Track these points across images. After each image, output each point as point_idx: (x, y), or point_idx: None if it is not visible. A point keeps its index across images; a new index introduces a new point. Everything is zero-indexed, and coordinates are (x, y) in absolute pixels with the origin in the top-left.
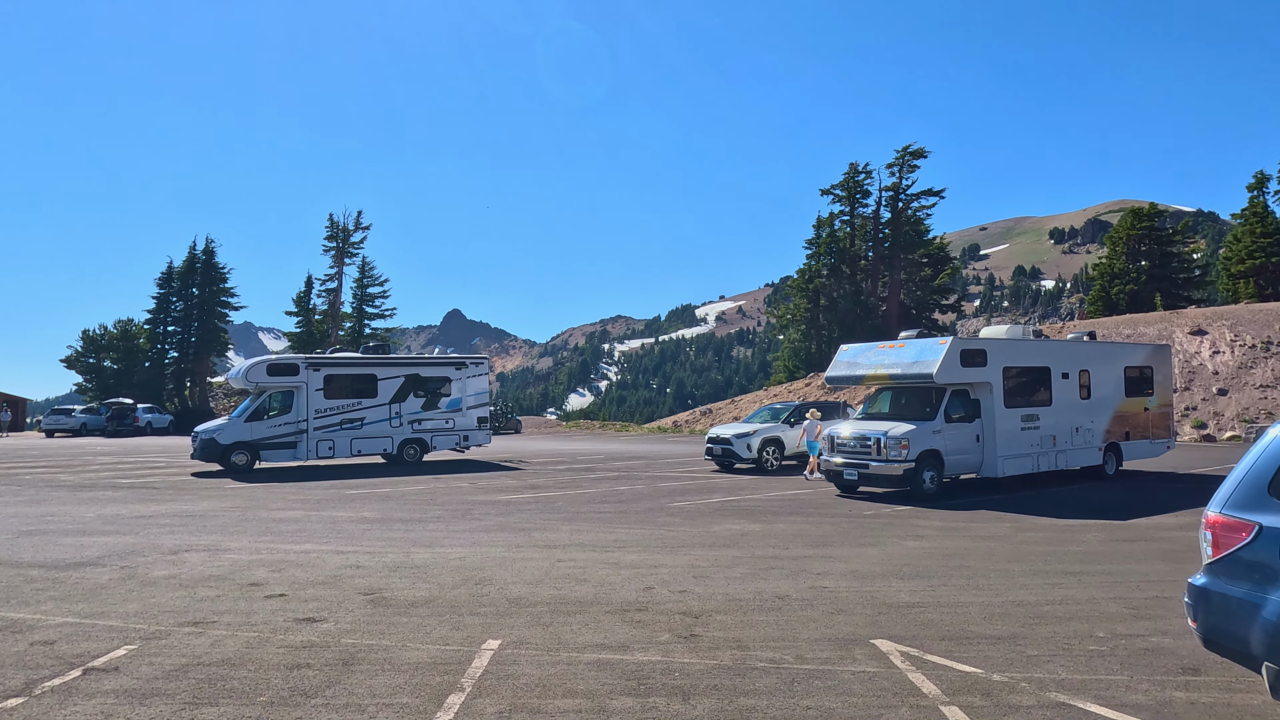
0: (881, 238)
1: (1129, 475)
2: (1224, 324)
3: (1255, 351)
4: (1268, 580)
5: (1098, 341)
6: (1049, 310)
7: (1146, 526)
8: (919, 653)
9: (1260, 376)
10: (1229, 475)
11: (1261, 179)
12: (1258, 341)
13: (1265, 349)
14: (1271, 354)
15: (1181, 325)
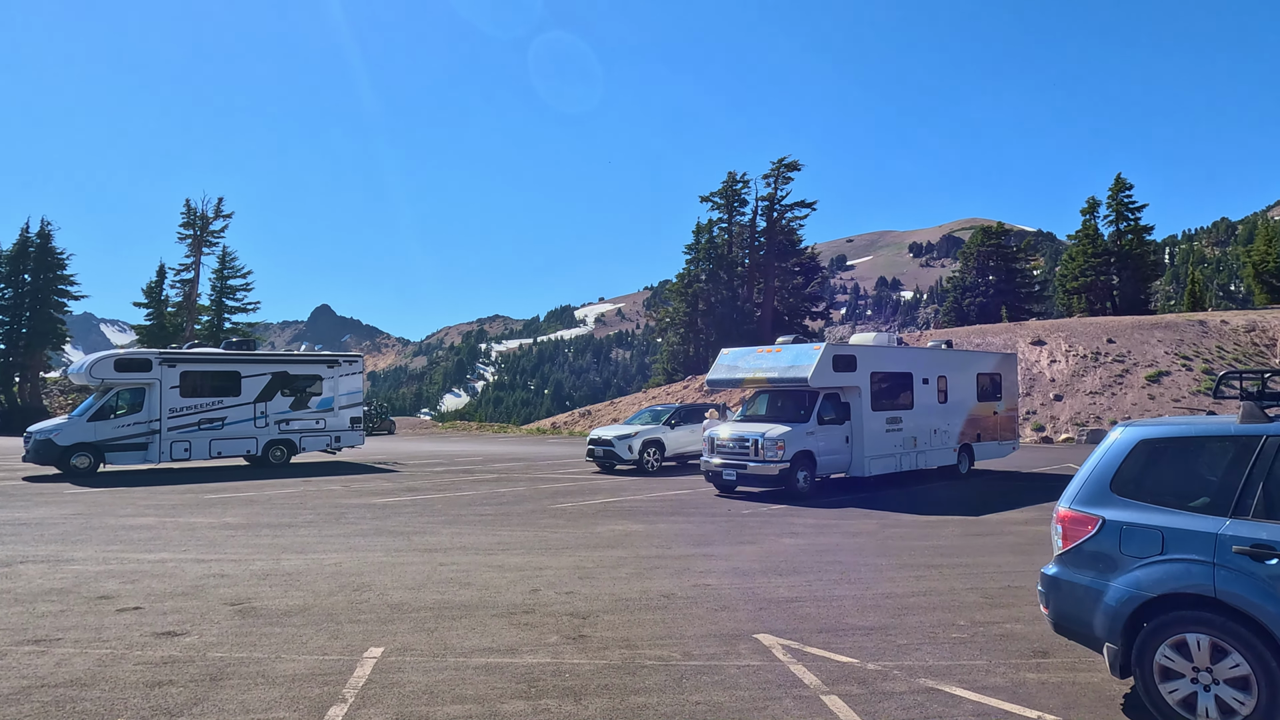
0: (757, 245)
1: (980, 474)
2: (1060, 336)
3: (1086, 361)
4: (1109, 569)
5: (954, 350)
6: (908, 319)
7: (997, 521)
8: (799, 645)
9: (1090, 384)
10: (1077, 474)
11: (1093, 204)
12: (1088, 352)
13: (1095, 359)
14: (1100, 364)
15: (1024, 336)
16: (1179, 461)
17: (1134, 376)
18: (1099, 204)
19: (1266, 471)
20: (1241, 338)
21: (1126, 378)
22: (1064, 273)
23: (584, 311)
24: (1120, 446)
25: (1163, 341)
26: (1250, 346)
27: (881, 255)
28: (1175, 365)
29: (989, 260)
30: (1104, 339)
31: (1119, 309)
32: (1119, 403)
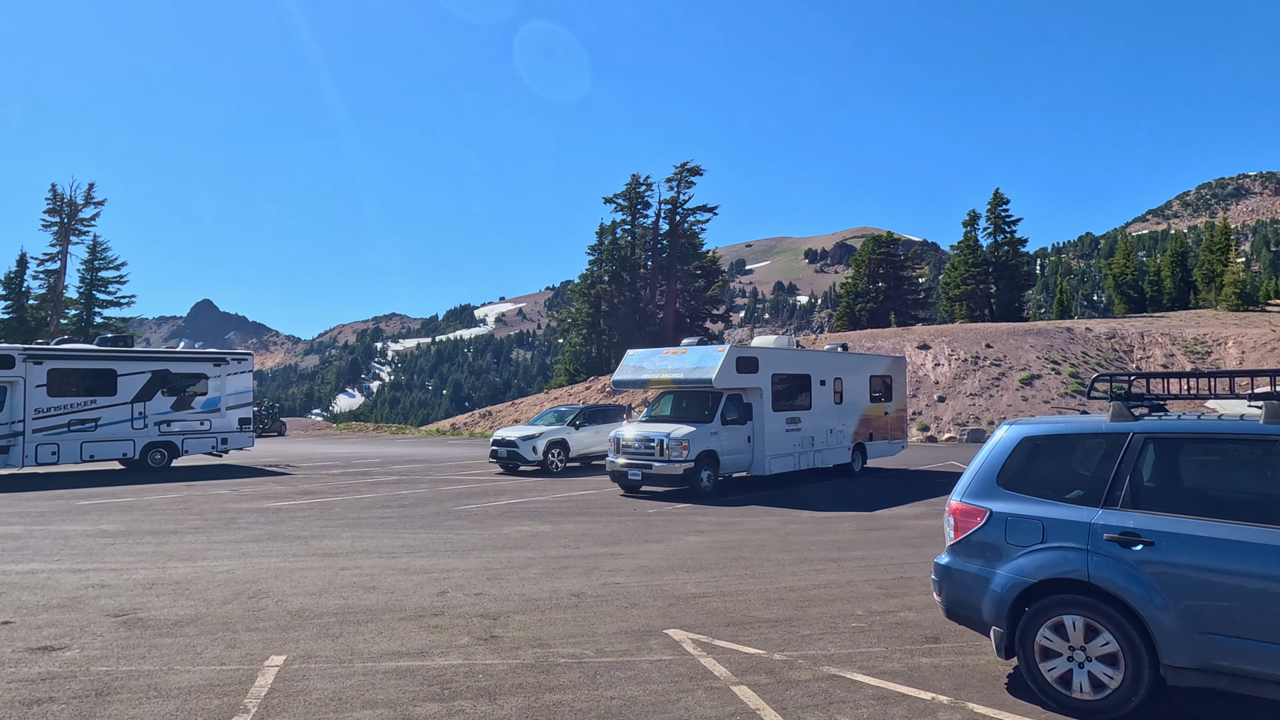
0: (660, 248)
1: (872, 472)
2: (944, 340)
3: (967, 365)
4: (996, 557)
5: (849, 353)
6: (803, 323)
7: (888, 516)
8: (709, 639)
9: (970, 386)
10: (967, 469)
11: (974, 216)
12: (969, 356)
13: (974, 363)
14: (980, 367)
15: (911, 340)
16: (1058, 457)
17: (1010, 379)
18: (979, 217)
19: (1133, 466)
20: (1103, 344)
21: (1003, 380)
22: (947, 281)
23: (484, 311)
24: (1006, 443)
25: (1035, 347)
26: (1111, 352)
27: (779, 260)
28: (1046, 369)
29: (879, 268)
30: (983, 344)
31: (996, 316)
32: (996, 404)
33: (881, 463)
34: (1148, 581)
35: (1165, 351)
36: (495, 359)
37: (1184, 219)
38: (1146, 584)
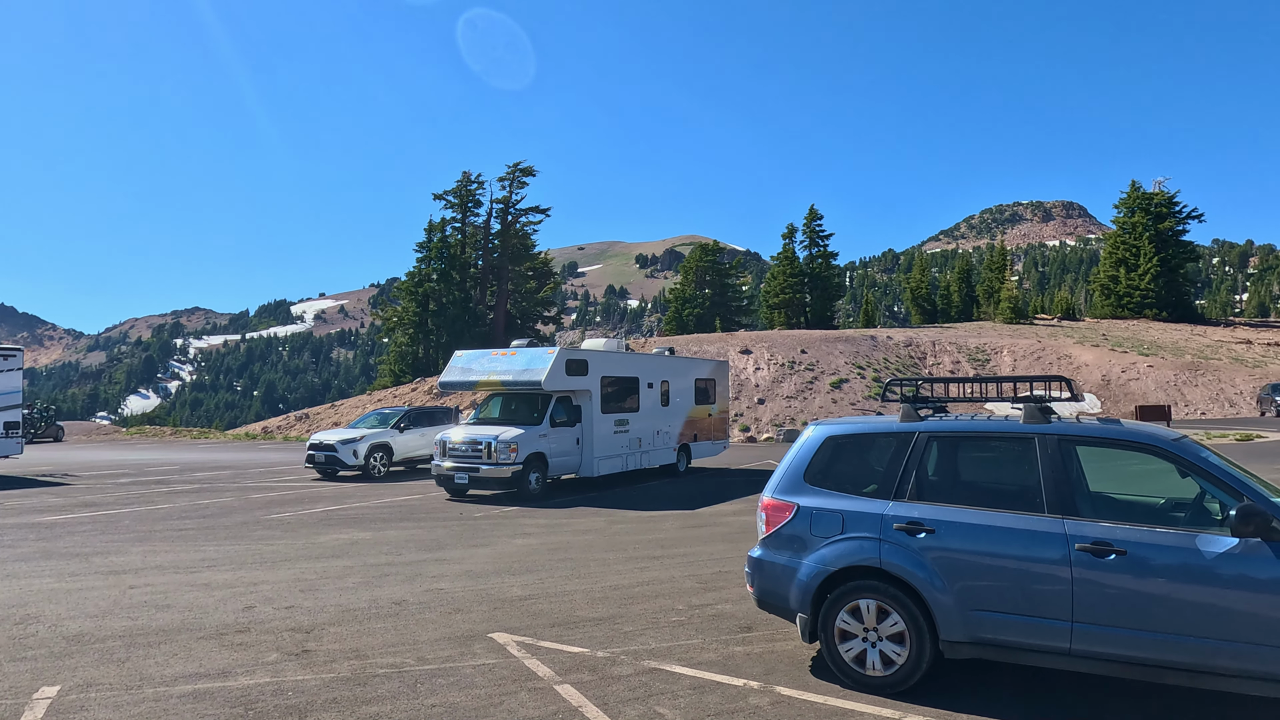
0: (491, 248)
1: (696, 471)
2: (764, 346)
3: (784, 369)
4: (802, 549)
5: (676, 356)
6: (633, 327)
7: (711, 514)
8: (533, 640)
9: (787, 389)
10: (778, 467)
11: (792, 230)
12: (786, 361)
13: (791, 367)
14: (795, 371)
15: (734, 345)
16: (856, 454)
17: (821, 383)
18: (796, 230)
19: (919, 461)
20: (902, 351)
21: (815, 384)
22: (768, 289)
23: (302, 307)
24: (812, 443)
25: (844, 353)
26: (908, 358)
27: (611, 264)
28: (853, 373)
29: (706, 275)
30: (799, 350)
31: (811, 324)
32: (809, 406)
33: (705, 462)
34: (930, 566)
35: (952, 358)
36: (314, 358)
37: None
38: (929, 568)
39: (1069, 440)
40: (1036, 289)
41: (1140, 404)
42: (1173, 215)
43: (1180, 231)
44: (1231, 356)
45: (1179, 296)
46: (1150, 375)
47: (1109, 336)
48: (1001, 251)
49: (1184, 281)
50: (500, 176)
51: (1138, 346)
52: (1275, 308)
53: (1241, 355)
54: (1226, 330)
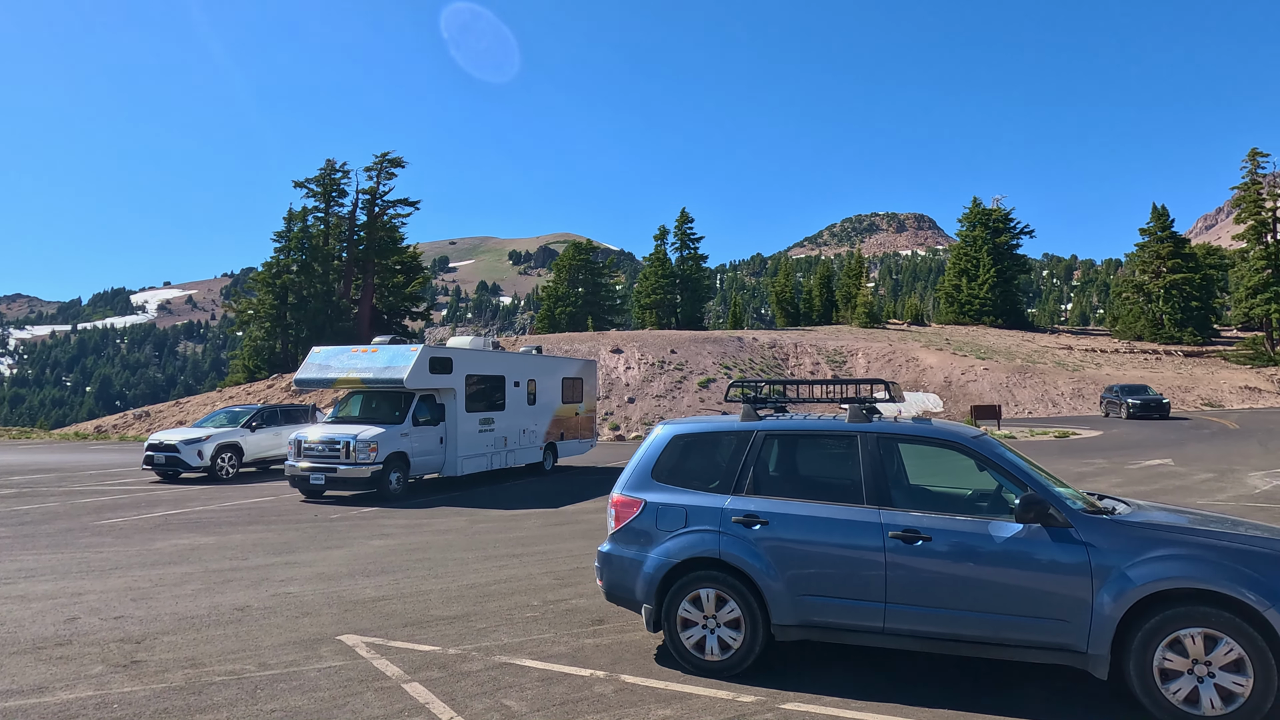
0: (357, 240)
1: (562, 470)
2: (635, 345)
3: (654, 368)
4: (648, 542)
5: (543, 355)
6: (506, 324)
7: (573, 512)
8: (384, 641)
9: (657, 388)
10: (628, 464)
11: (664, 232)
12: (656, 360)
13: (661, 366)
14: (665, 370)
15: (606, 344)
16: (701, 452)
17: (690, 382)
18: (668, 233)
19: (756, 458)
20: (766, 352)
21: (684, 383)
22: (640, 290)
23: (144, 297)
24: (660, 441)
25: (712, 353)
26: (772, 359)
27: (483, 260)
28: (720, 373)
29: (579, 273)
30: (669, 349)
31: (681, 324)
32: (678, 404)
33: (572, 461)
34: (764, 555)
35: (813, 359)
36: (157, 352)
37: (832, 247)
38: (763, 558)
39: (886, 438)
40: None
41: (976, 404)
42: (1008, 230)
43: (1015, 246)
44: (1055, 361)
45: (1013, 305)
46: (986, 377)
47: (951, 341)
48: (859, 259)
49: (1017, 292)
50: (367, 166)
51: (976, 351)
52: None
53: (1064, 360)
54: (1052, 337)
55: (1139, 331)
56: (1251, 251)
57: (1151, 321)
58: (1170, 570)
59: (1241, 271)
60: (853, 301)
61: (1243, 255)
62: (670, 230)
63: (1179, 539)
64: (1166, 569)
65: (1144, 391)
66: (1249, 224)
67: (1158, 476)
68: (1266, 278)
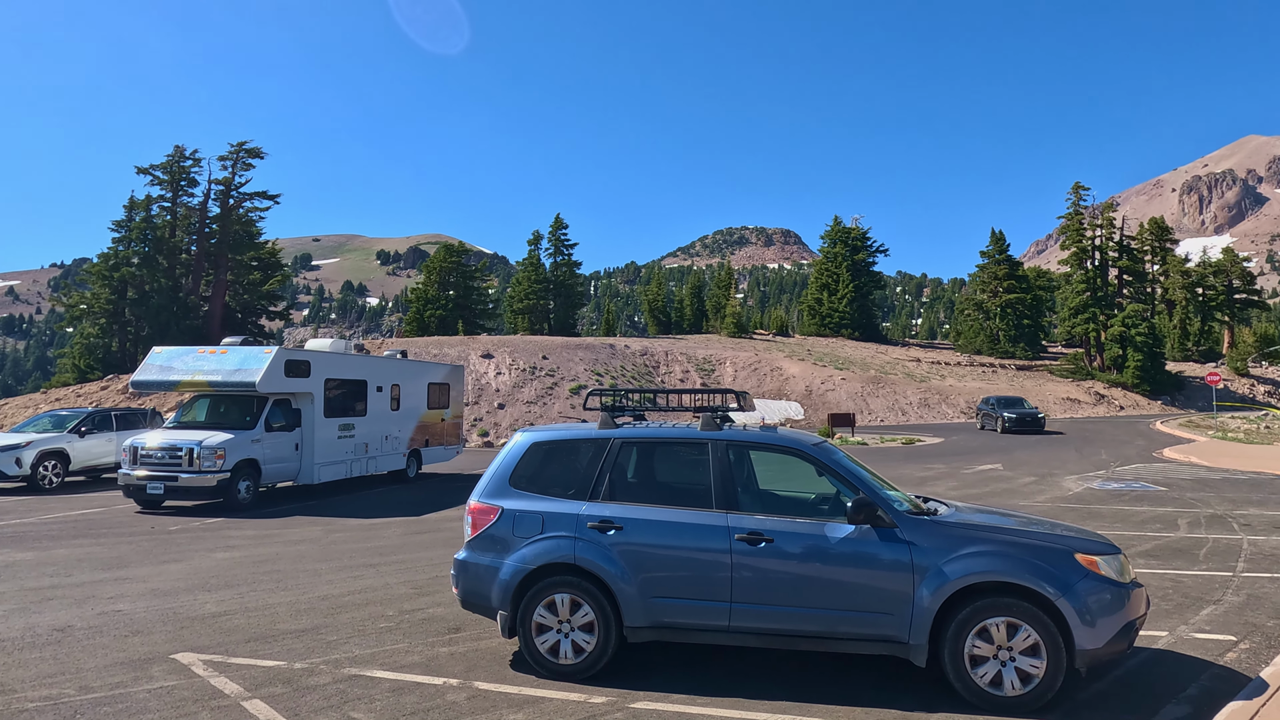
0: (208, 233)
1: (427, 477)
2: (506, 350)
3: (526, 374)
4: (504, 549)
5: (409, 359)
6: (372, 326)
7: (436, 520)
8: (223, 658)
9: (528, 394)
10: (486, 471)
11: (538, 237)
12: (528, 366)
13: (532, 372)
14: (537, 376)
15: (476, 349)
16: (559, 459)
17: (561, 388)
18: (542, 238)
19: (613, 464)
20: (638, 359)
21: (556, 389)
22: (513, 294)
23: None
24: (518, 448)
25: (584, 360)
26: (643, 366)
27: (349, 259)
28: (592, 379)
29: (450, 276)
30: (541, 355)
31: (554, 330)
32: (549, 411)
33: (438, 468)
34: (618, 560)
35: (683, 368)
36: None
37: (704, 258)
38: (617, 562)
39: (734, 445)
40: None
41: (833, 412)
42: (865, 248)
43: (871, 263)
44: (905, 373)
45: (869, 319)
46: (843, 387)
47: (813, 352)
48: (729, 271)
49: (873, 306)
50: (222, 156)
51: (835, 361)
52: (941, 332)
53: (913, 371)
54: (903, 350)
55: (979, 346)
56: (1074, 275)
57: (990, 337)
58: (980, 565)
59: (1066, 293)
60: (722, 311)
61: (1067, 279)
62: (545, 235)
63: (988, 537)
64: (977, 564)
65: (1019, 405)
66: (1072, 250)
67: (988, 480)
68: (1086, 300)
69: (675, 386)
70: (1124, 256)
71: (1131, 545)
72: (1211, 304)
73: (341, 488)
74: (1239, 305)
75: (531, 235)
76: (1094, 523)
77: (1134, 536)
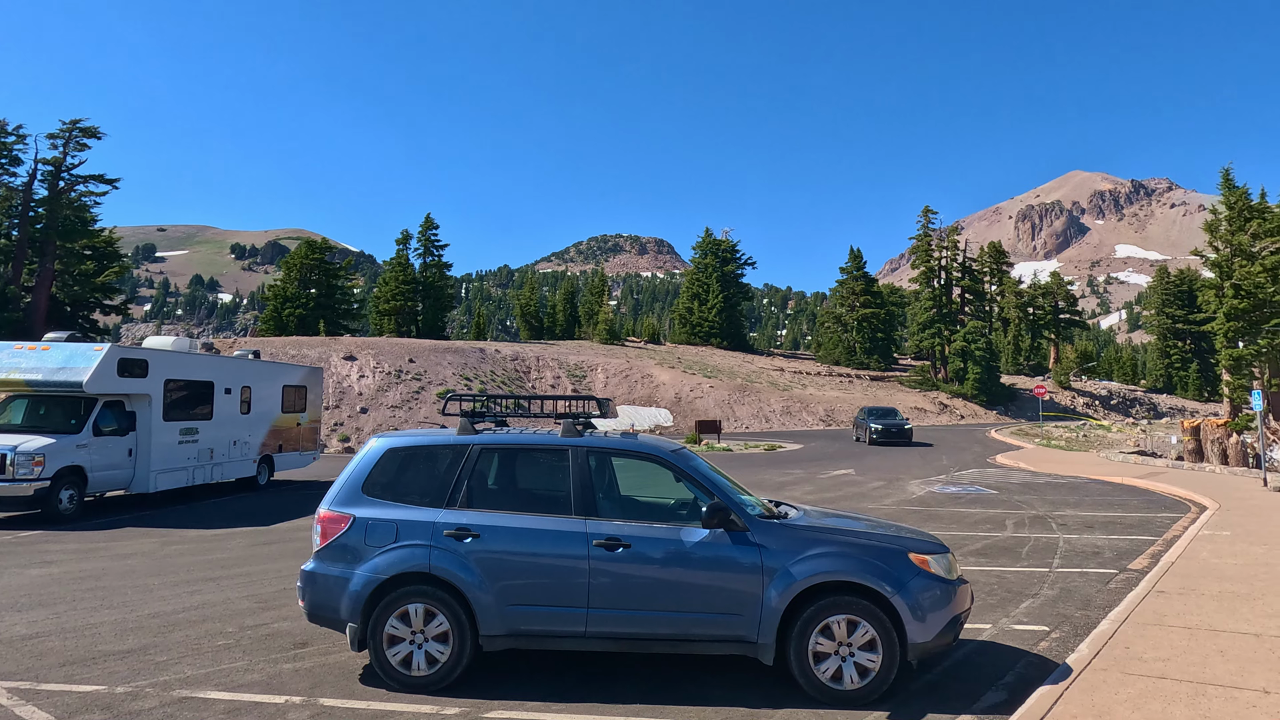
0: (33, 218)
1: (279, 485)
2: (370, 352)
3: (391, 378)
4: (356, 559)
5: (262, 360)
6: (224, 324)
7: (286, 529)
8: (32, 685)
9: (393, 398)
10: (338, 478)
11: (406, 236)
12: (393, 369)
13: (398, 376)
14: (403, 380)
15: (339, 351)
16: (415, 466)
17: (428, 393)
18: (411, 237)
19: (471, 471)
20: (508, 364)
21: (422, 394)
22: (379, 295)
23: None
24: (373, 454)
25: (453, 364)
26: (514, 371)
27: (200, 251)
28: (461, 384)
29: (312, 273)
30: (407, 359)
31: (422, 333)
32: (415, 415)
33: (293, 475)
34: (474, 568)
35: (554, 373)
36: None
37: (578, 264)
38: (473, 570)
39: (594, 451)
40: (631, 314)
41: (701, 419)
42: (735, 260)
43: (740, 275)
44: (769, 381)
45: (736, 329)
46: (711, 395)
47: (683, 360)
48: (602, 278)
49: (741, 317)
50: (51, 134)
51: (703, 370)
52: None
53: (777, 380)
54: (768, 360)
55: (837, 357)
56: (923, 293)
57: (847, 349)
58: (824, 566)
59: (915, 309)
60: (595, 318)
61: (916, 296)
62: (414, 235)
63: (832, 539)
64: (821, 565)
65: (888, 416)
66: (922, 270)
67: (841, 485)
68: (933, 316)
69: (547, 392)
70: (966, 277)
71: (964, 545)
72: (1040, 323)
73: (181, 496)
74: (1064, 324)
75: (400, 234)
76: (933, 524)
77: (967, 536)
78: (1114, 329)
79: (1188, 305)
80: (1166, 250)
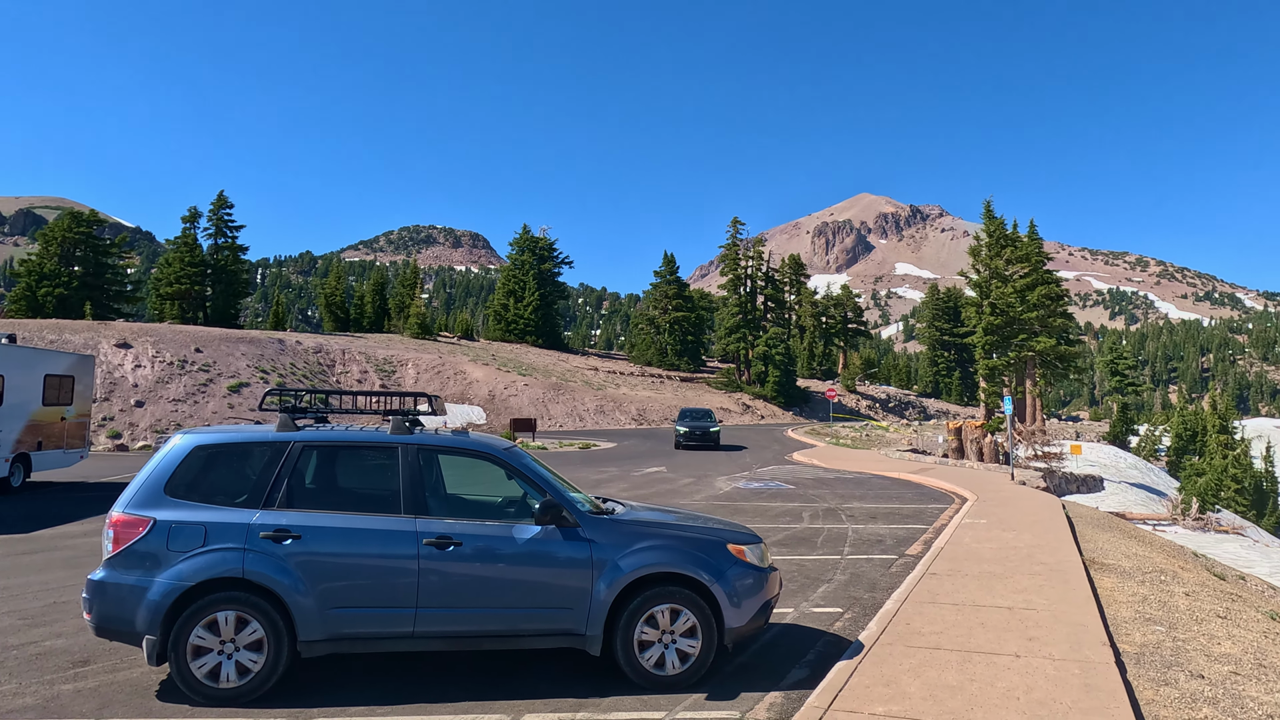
0: None
1: (39, 486)
2: (149, 340)
3: (174, 368)
4: (156, 566)
5: (18, 346)
6: None
7: (51, 536)
8: None
9: (175, 391)
10: (134, 479)
11: (195, 214)
12: (176, 359)
13: (182, 366)
14: (188, 371)
15: (109, 337)
16: (228, 464)
17: (218, 386)
18: (200, 215)
19: (292, 469)
20: (311, 357)
21: (211, 386)
22: (160, 276)
23: None
24: (177, 452)
25: (246, 355)
26: (317, 365)
27: None
28: (256, 377)
29: (76, 249)
30: (193, 348)
31: (211, 320)
32: (201, 410)
33: (55, 475)
34: (294, 571)
35: (361, 368)
36: None
37: (388, 254)
38: (293, 573)
39: (425, 449)
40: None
41: (515, 417)
42: (552, 259)
43: (557, 273)
44: (584, 380)
45: (552, 327)
46: (526, 393)
47: (497, 357)
48: (415, 270)
49: (557, 315)
50: None
51: (518, 367)
52: (618, 343)
53: (591, 380)
54: (582, 359)
55: (650, 358)
56: (730, 299)
57: (659, 350)
58: (650, 559)
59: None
60: (406, 311)
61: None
62: (204, 213)
63: (657, 532)
64: (648, 558)
65: (698, 419)
66: (729, 277)
67: (655, 482)
68: (738, 321)
69: (352, 388)
70: (769, 286)
71: (768, 536)
72: (832, 331)
73: None
74: (851, 333)
75: (188, 211)
76: (739, 517)
77: (770, 528)
78: (892, 339)
79: (954, 320)
80: (938, 270)
